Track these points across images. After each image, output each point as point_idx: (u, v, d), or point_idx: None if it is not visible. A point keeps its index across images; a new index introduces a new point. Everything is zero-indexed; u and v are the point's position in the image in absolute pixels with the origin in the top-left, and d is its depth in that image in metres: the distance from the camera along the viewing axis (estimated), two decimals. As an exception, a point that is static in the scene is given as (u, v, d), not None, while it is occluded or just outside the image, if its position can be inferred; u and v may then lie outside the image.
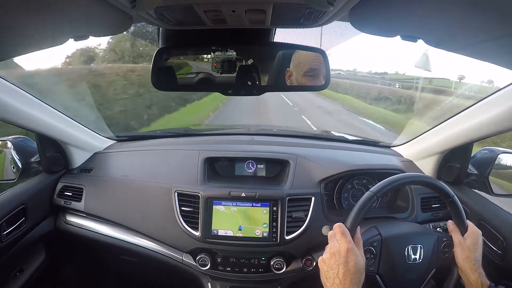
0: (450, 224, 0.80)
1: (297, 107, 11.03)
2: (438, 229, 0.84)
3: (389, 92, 14.78)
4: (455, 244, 0.77)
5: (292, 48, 0.78)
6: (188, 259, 1.01)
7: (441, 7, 0.45)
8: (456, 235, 0.77)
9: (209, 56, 0.78)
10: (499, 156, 0.99)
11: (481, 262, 0.74)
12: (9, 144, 1.02)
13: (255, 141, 1.28)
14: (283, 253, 0.97)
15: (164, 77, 0.80)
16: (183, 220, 0.98)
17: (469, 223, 0.78)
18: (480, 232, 0.77)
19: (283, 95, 12.14)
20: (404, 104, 11.82)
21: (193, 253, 1.00)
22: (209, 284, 1.01)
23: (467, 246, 0.75)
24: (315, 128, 6.83)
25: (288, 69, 0.78)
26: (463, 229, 0.77)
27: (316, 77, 0.79)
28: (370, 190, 0.75)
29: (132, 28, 0.63)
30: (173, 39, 0.78)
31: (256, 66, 0.78)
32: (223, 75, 0.78)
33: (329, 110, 11.39)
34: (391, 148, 1.32)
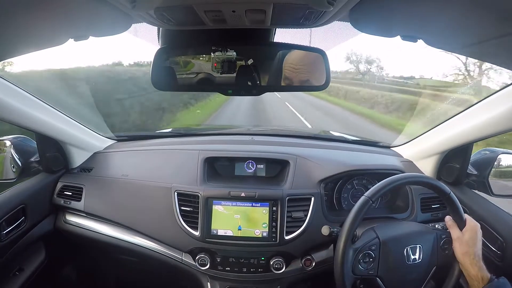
0: (448, 219, 0.80)
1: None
2: (437, 226, 0.84)
3: None
4: (454, 239, 0.77)
5: (292, 48, 0.78)
6: (187, 259, 1.01)
7: (441, 7, 0.45)
8: (454, 230, 0.78)
9: (209, 56, 0.78)
10: (499, 157, 0.99)
11: (481, 256, 0.74)
12: (9, 144, 1.02)
13: (255, 141, 1.28)
14: (283, 253, 0.97)
15: (164, 77, 0.80)
16: (183, 220, 0.98)
17: (467, 217, 0.78)
18: (478, 225, 0.77)
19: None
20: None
21: (193, 253, 1.00)
22: (208, 284, 1.01)
23: (466, 240, 0.75)
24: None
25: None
26: (461, 224, 0.77)
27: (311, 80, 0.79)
28: (364, 194, 0.76)
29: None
30: (173, 39, 0.78)
31: (256, 66, 0.78)
32: (223, 75, 0.78)
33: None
34: (391, 148, 1.32)
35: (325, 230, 0.83)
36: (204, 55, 0.80)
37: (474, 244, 0.74)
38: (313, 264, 0.98)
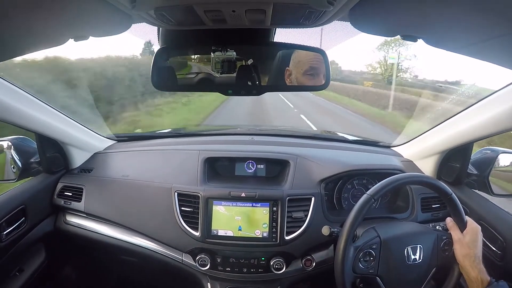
0: (449, 221, 0.80)
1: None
2: (437, 227, 0.84)
3: None
4: (454, 241, 0.77)
5: (292, 48, 0.78)
6: (188, 259, 1.00)
7: (441, 7, 0.45)
8: (455, 232, 0.78)
9: (209, 56, 0.78)
10: (499, 156, 0.99)
11: (481, 259, 0.74)
12: (10, 144, 1.02)
13: (255, 141, 1.28)
14: (283, 253, 0.97)
15: (164, 77, 0.80)
16: (183, 220, 0.98)
17: (468, 219, 0.78)
18: (479, 227, 0.77)
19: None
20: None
21: (193, 253, 1.00)
22: (208, 284, 1.01)
23: (467, 242, 0.75)
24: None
25: (287, 68, 0.78)
26: (462, 226, 0.78)
27: (316, 76, 0.79)
28: (366, 193, 0.76)
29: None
30: (173, 39, 0.78)
31: (256, 66, 0.78)
32: (223, 75, 0.78)
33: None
34: (391, 148, 1.32)
35: (325, 230, 0.83)
36: (204, 55, 0.80)
37: (474, 247, 0.74)
38: (314, 264, 0.98)
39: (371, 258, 0.76)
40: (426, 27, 0.54)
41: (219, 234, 0.96)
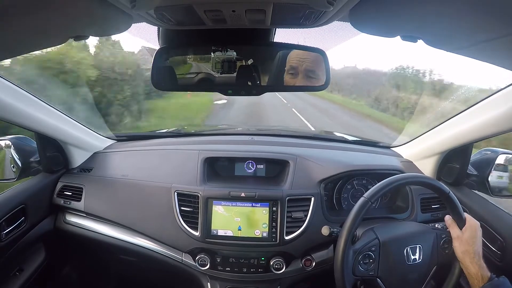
0: (447, 219, 0.80)
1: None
2: (437, 225, 0.84)
3: None
4: (453, 238, 0.77)
5: (292, 48, 0.78)
6: (187, 259, 1.01)
7: (441, 7, 0.44)
8: (454, 229, 0.78)
9: (209, 56, 0.78)
10: (499, 157, 0.99)
11: (481, 255, 0.74)
12: (9, 144, 1.02)
13: (255, 141, 1.28)
14: (283, 253, 0.97)
15: (164, 77, 0.80)
16: (183, 220, 0.98)
17: (467, 216, 0.78)
18: (478, 223, 0.77)
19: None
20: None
21: (193, 253, 1.00)
22: (208, 284, 1.01)
23: (466, 239, 0.75)
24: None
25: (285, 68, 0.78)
26: (461, 223, 0.78)
27: (296, 75, 0.79)
28: (364, 195, 0.76)
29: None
30: (173, 39, 0.78)
31: (256, 66, 0.78)
32: (223, 75, 0.78)
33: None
34: (391, 148, 1.32)
35: (325, 230, 0.83)
36: (204, 55, 0.80)
37: (474, 243, 0.74)
38: (313, 264, 0.98)
39: (371, 261, 0.76)
40: (426, 28, 0.54)
41: (219, 234, 0.96)
